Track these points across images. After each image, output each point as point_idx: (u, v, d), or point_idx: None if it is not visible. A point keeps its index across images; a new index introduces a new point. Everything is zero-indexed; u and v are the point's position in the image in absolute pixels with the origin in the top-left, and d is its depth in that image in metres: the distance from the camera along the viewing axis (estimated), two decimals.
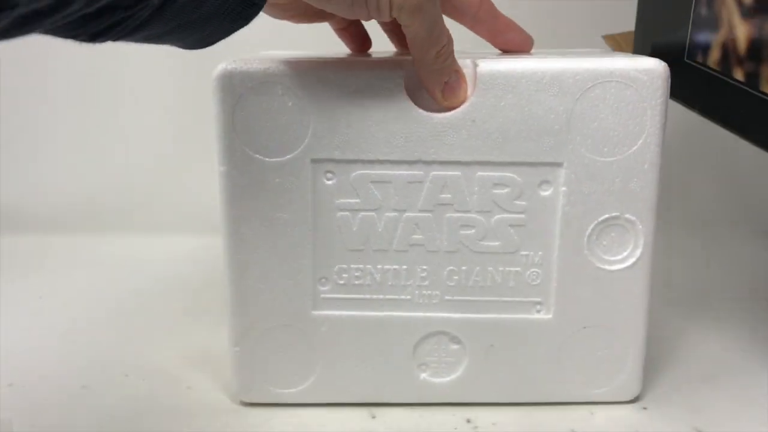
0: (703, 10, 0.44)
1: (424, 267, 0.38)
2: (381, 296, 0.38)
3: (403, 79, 0.35)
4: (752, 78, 0.40)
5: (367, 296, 0.38)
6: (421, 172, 0.36)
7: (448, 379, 0.39)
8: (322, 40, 0.45)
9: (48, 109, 0.71)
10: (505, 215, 0.37)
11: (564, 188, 0.36)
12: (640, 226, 0.37)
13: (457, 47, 0.35)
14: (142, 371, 0.44)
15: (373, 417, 0.39)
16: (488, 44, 0.40)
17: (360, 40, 0.43)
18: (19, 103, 0.70)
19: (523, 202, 0.37)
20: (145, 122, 0.70)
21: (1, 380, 0.43)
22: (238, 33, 0.31)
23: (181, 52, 0.33)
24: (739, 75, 0.41)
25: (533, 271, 0.38)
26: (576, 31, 0.64)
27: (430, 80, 0.34)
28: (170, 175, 0.70)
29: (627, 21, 0.65)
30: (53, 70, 0.70)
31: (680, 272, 0.59)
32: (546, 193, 0.37)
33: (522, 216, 0.37)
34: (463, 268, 0.38)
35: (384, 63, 0.35)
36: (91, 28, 0.25)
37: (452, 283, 0.38)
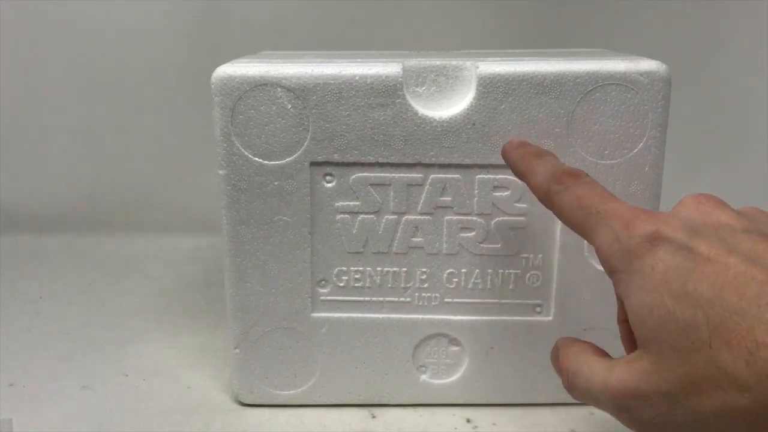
0: None
1: (424, 269, 0.38)
2: (381, 298, 0.38)
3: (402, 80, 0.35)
4: None
5: (367, 298, 0.38)
6: (421, 175, 0.36)
7: (448, 380, 0.40)
8: (322, 41, 0.45)
9: (48, 109, 0.70)
10: (506, 218, 0.37)
11: None
12: None
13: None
14: (142, 371, 0.44)
15: (373, 417, 0.39)
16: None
17: None
18: (19, 103, 0.70)
19: (524, 205, 0.37)
20: (145, 122, 0.70)
21: (1, 380, 0.43)
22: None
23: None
24: None
25: (533, 274, 0.38)
26: (578, 31, 0.64)
27: None
28: (170, 175, 0.70)
29: (627, 21, 0.65)
30: (53, 70, 0.69)
31: None
32: None
33: (522, 218, 0.37)
34: (463, 270, 0.38)
35: (384, 64, 0.35)
36: None
37: (452, 286, 0.38)
